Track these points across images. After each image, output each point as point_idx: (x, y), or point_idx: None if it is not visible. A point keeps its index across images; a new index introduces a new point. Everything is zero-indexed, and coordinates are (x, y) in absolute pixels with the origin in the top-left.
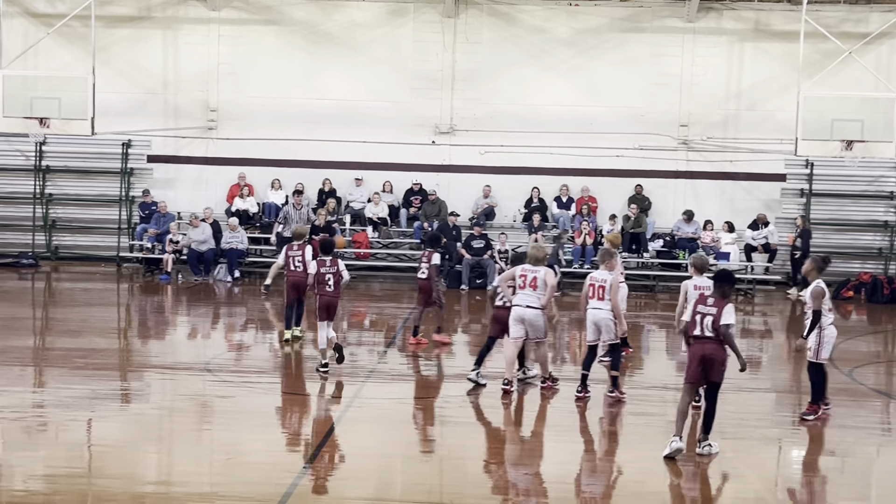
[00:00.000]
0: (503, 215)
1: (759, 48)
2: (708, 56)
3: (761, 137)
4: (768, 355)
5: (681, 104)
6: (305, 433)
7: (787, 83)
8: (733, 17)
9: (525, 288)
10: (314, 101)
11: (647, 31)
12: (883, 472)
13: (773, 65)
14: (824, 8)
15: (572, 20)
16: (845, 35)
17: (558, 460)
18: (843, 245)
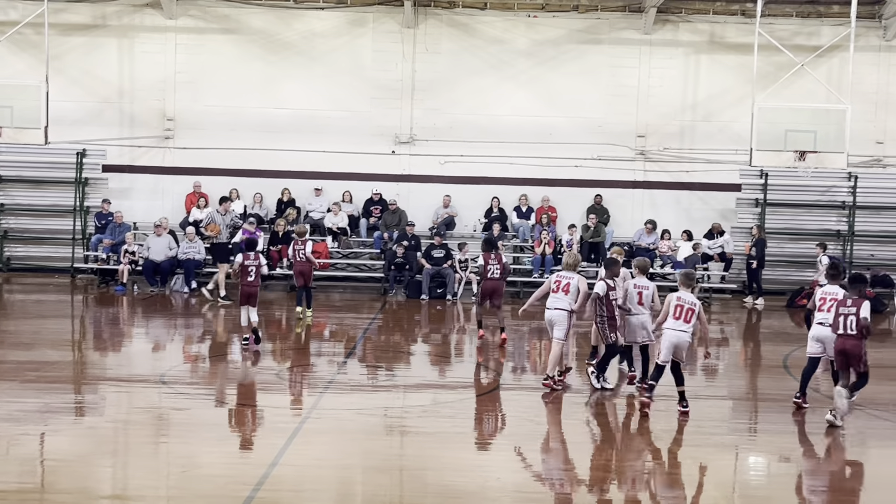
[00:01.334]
0: (463, 225)
1: (715, 60)
2: (664, 68)
3: (717, 148)
4: (725, 363)
5: (638, 115)
6: (262, 445)
7: (741, 95)
8: (689, 30)
9: (558, 292)
10: (273, 111)
11: (605, 42)
12: (838, 478)
13: (727, 76)
14: (777, 21)
15: (531, 31)
16: (798, 48)
17: (518, 469)
18: (797, 254)
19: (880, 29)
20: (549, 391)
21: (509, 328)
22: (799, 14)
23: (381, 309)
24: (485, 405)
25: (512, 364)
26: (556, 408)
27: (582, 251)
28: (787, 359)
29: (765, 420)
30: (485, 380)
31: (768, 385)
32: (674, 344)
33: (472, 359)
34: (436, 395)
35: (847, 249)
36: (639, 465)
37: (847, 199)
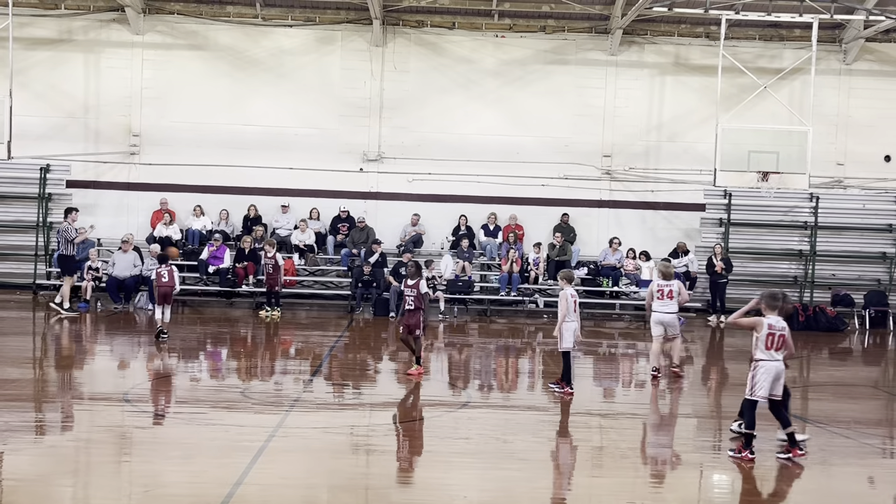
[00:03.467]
0: (431, 243)
1: (679, 81)
2: (630, 88)
3: (681, 168)
4: (689, 381)
5: (604, 135)
6: (227, 464)
7: (705, 116)
8: (654, 51)
9: (663, 298)
10: (240, 127)
11: (572, 63)
12: (800, 494)
13: (692, 98)
14: (741, 44)
15: (499, 51)
16: (761, 70)
17: (484, 488)
18: (759, 273)
19: (840, 53)
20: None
21: (477, 346)
22: (762, 37)
23: (348, 327)
24: (451, 423)
25: (479, 382)
26: (524, 425)
27: (548, 269)
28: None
29: (729, 437)
30: (452, 397)
31: (732, 403)
32: (775, 376)
33: (442, 377)
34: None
35: (809, 269)
36: (605, 483)
37: (809, 219)
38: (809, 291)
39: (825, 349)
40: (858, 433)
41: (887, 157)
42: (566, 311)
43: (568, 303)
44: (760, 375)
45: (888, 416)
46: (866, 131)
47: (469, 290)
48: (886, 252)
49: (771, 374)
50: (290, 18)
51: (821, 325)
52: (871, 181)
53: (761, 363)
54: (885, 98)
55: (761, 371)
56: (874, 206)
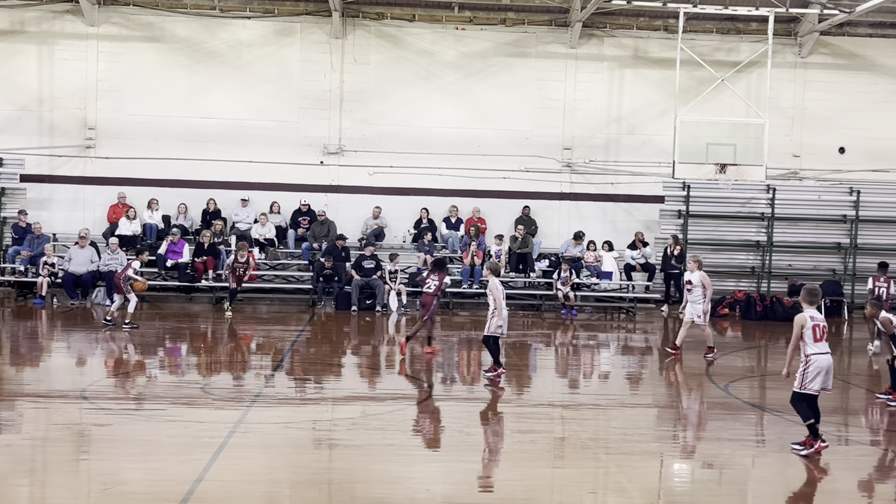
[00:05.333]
0: (393, 236)
1: (638, 74)
2: (590, 81)
3: (641, 160)
4: (649, 371)
5: (564, 128)
6: (187, 460)
7: (664, 108)
8: (614, 45)
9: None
10: (198, 120)
11: (532, 56)
12: (758, 483)
13: (651, 91)
14: (699, 37)
15: (459, 44)
16: (718, 63)
17: (447, 480)
18: (718, 264)
19: (796, 46)
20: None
21: (439, 339)
22: (719, 30)
23: (310, 321)
24: (414, 416)
25: (442, 375)
26: (486, 418)
27: (510, 262)
28: (709, 367)
29: (689, 427)
30: (415, 391)
31: (692, 392)
32: (826, 369)
33: (404, 370)
34: (365, 408)
35: (766, 260)
36: (567, 474)
37: (766, 210)
38: (766, 282)
39: (782, 339)
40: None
41: (841, 148)
42: (501, 300)
43: (499, 291)
44: (813, 370)
45: (843, 404)
46: (821, 124)
47: None
48: (841, 242)
49: (823, 367)
50: (248, 10)
51: (778, 315)
52: (826, 173)
53: (813, 357)
54: (839, 91)
55: (814, 365)
56: (829, 198)
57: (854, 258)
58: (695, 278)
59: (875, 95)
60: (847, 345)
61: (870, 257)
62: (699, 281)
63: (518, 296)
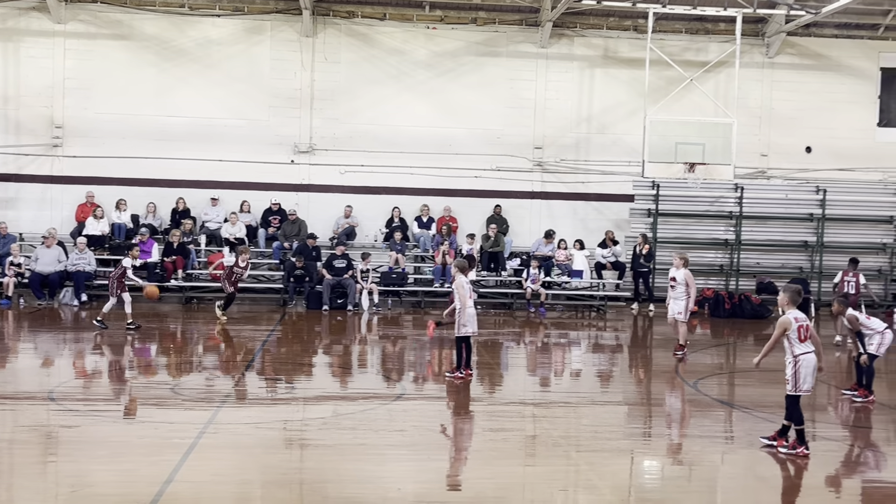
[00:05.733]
0: (364, 235)
1: (608, 74)
2: (560, 81)
3: (611, 160)
4: (619, 369)
5: (535, 127)
6: (156, 461)
7: (634, 108)
8: (584, 44)
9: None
10: (167, 119)
11: (503, 55)
12: (727, 479)
13: (621, 90)
14: (668, 37)
15: (430, 43)
16: (687, 63)
17: (418, 479)
18: None
19: (763, 46)
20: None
21: (412, 338)
22: (688, 31)
23: (281, 320)
24: (386, 415)
25: (413, 374)
26: (457, 416)
27: (482, 261)
28: (678, 364)
29: (658, 424)
30: (386, 389)
31: (661, 390)
32: (814, 369)
33: (375, 369)
34: (336, 407)
35: (734, 258)
36: (538, 472)
37: (734, 209)
38: (735, 279)
39: (750, 336)
40: (782, 417)
41: (808, 148)
42: (464, 298)
43: (465, 290)
44: (803, 369)
45: (811, 401)
46: (788, 123)
47: (403, 283)
48: (808, 240)
49: (811, 366)
50: (217, 8)
51: (746, 313)
52: (793, 172)
53: (801, 357)
54: (805, 91)
55: (803, 365)
56: (796, 196)
57: (821, 256)
58: (679, 275)
59: (840, 95)
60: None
61: (836, 255)
62: (683, 278)
63: (489, 294)
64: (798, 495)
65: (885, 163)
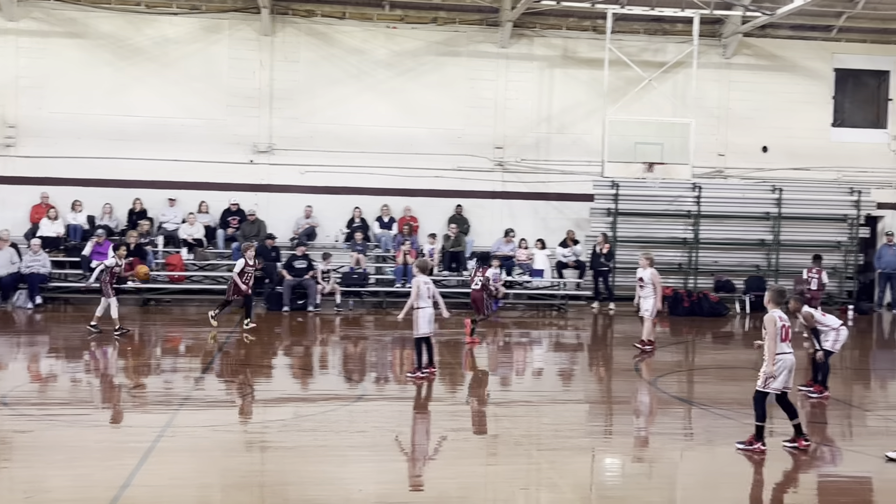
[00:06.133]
0: (325, 235)
1: (568, 74)
2: (520, 81)
3: (571, 159)
4: (580, 367)
5: (496, 127)
6: (113, 466)
7: (593, 108)
8: (543, 44)
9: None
10: (123, 118)
11: (463, 55)
12: (687, 475)
13: (580, 90)
14: (626, 38)
15: (390, 42)
16: (645, 63)
17: (380, 480)
18: None
19: (720, 47)
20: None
21: (373, 338)
22: (646, 31)
23: (240, 322)
24: (347, 416)
25: (374, 374)
26: (419, 417)
27: (443, 261)
28: (638, 361)
29: (619, 422)
30: (347, 390)
31: (621, 388)
32: (790, 368)
33: (336, 370)
34: (297, 409)
35: (692, 256)
36: (500, 471)
37: (692, 208)
38: (693, 278)
39: (708, 333)
40: (740, 414)
41: (765, 147)
42: (415, 298)
43: (420, 290)
44: (780, 368)
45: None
46: (745, 123)
47: (364, 283)
48: (765, 239)
49: (787, 366)
50: (174, 6)
51: (704, 311)
52: (750, 171)
53: (779, 357)
54: (762, 91)
55: (780, 364)
56: (753, 195)
57: (777, 254)
58: (646, 275)
59: (796, 96)
60: None
61: (792, 253)
62: (650, 278)
63: (451, 294)
64: (756, 490)
65: (839, 162)
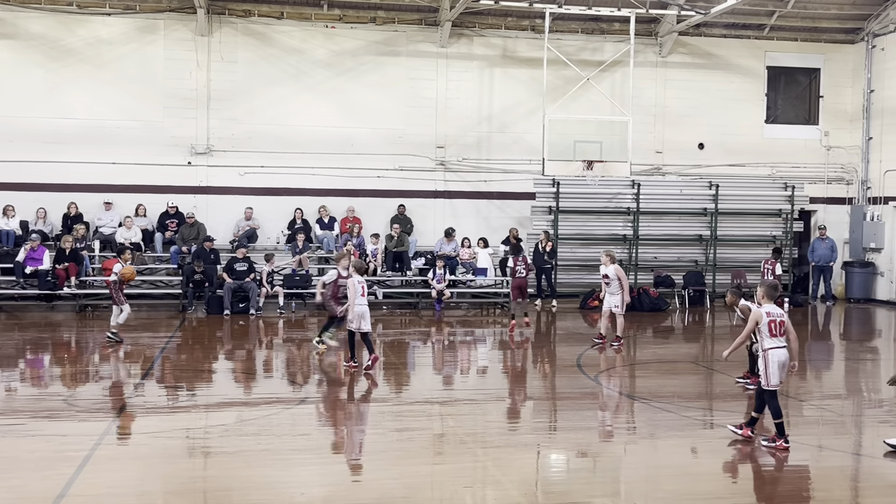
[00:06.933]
0: (266, 237)
1: (508, 74)
2: (461, 80)
3: (512, 158)
4: (523, 364)
5: (437, 126)
6: (47, 476)
7: (533, 107)
8: (483, 44)
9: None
10: (57, 121)
11: (403, 54)
12: (630, 469)
13: (520, 89)
14: (564, 37)
15: (329, 42)
16: (584, 62)
17: (324, 482)
18: (588, 258)
19: (656, 46)
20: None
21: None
22: (584, 31)
23: (180, 326)
24: (289, 420)
25: (317, 377)
26: (363, 418)
27: (386, 261)
28: (580, 358)
29: (563, 418)
30: (290, 393)
31: (565, 384)
32: (783, 363)
33: (279, 373)
34: (239, 413)
35: (632, 252)
36: (445, 470)
37: (631, 205)
38: (633, 274)
39: (649, 328)
40: (680, 407)
41: (700, 144)
42: (353, 296)
43: (355, 288)
44: (771, 364)
45: (707, 390)
46: (681, 121)
47: (307, 285)
48: (702, 234)
49: (780, 360)
50: (107, 6)
51: (645, 306)
52: (687, 168)
53: (770, 351)
54: (697, 89)
55: (772, 359)
56: (690, 192)
57: (714, 249)
58: (610, 272)
59: (730, 93)
60: (709, 332)
61: (729, 248)
62: (615, 274)
63: (395, 294)
64: (696, 482)
65: (772, 158)
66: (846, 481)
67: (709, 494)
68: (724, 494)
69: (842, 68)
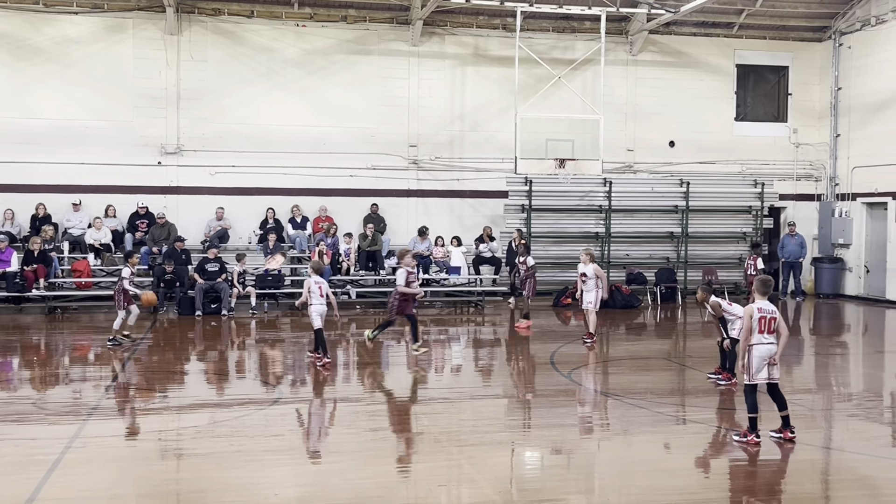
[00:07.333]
0: (238, 237)
1: (480, 72)
2: (433, 79)
3: (484, 157)
4: (498, 362)
5: (409, 125)
6: (17, 480)
7: (505, 105)
8: (455, 43)
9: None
10: (24, 121)
11: (374, 53)
12: (603, 465)
13: (492, 88)
14: (536, 36)
15: (300, 41)
16: (555, 61)
17: (298, 483)
18: (560, 256)
19: (627, 44)
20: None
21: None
22: (555, 29)
23: (151, 328)
24: (262, 420)
25: (291, 377)
26: (336, 417)
27: (360, 260)
28: (554, 355)
29: (537, 416)
30: (263, 394)
31: (538, 381)
32: (765, 358)
33: (251, 374)
34: (212, 414)
35: (605, 250)
36: (419, 469)
37: (603, 202)
38: (606, 271)
39: (622, 325)
40: (653, 403)
41: (671, 142)
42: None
43: (312, 290)
44: (755, 360)
45: (679, 386)
46: (652, 119)
47: (279, 285)
48: (673, 231)
49: (761, 356)
50: (75, 5)
51: (617, 303)
52: (658, 165)
53: (755, 347)
54: (667, 87)
55: (755, 354)
56: (661, 189)
57: (686, 246)
58: (589, 270)
59: (700, 91)
60: (681, 328)
61: (700, 245)
62: (593, 272)
63: (368, 294)
64: (669, 477)
65: (742, 155)
66: (817, 475)
67: (682, 490)
68: (697, 490)
69: (810, 66)
